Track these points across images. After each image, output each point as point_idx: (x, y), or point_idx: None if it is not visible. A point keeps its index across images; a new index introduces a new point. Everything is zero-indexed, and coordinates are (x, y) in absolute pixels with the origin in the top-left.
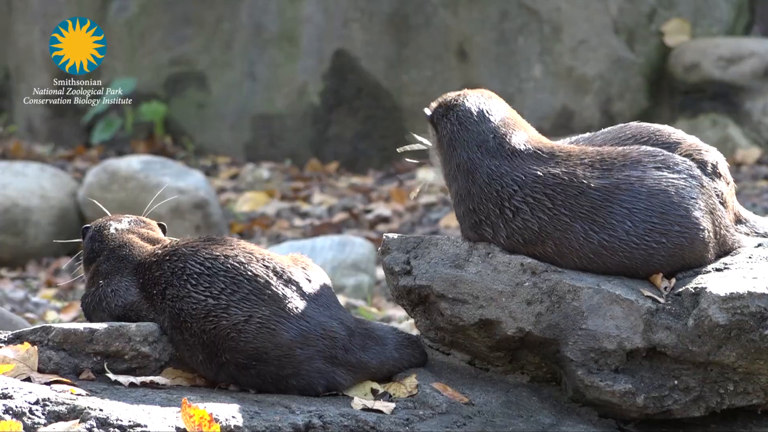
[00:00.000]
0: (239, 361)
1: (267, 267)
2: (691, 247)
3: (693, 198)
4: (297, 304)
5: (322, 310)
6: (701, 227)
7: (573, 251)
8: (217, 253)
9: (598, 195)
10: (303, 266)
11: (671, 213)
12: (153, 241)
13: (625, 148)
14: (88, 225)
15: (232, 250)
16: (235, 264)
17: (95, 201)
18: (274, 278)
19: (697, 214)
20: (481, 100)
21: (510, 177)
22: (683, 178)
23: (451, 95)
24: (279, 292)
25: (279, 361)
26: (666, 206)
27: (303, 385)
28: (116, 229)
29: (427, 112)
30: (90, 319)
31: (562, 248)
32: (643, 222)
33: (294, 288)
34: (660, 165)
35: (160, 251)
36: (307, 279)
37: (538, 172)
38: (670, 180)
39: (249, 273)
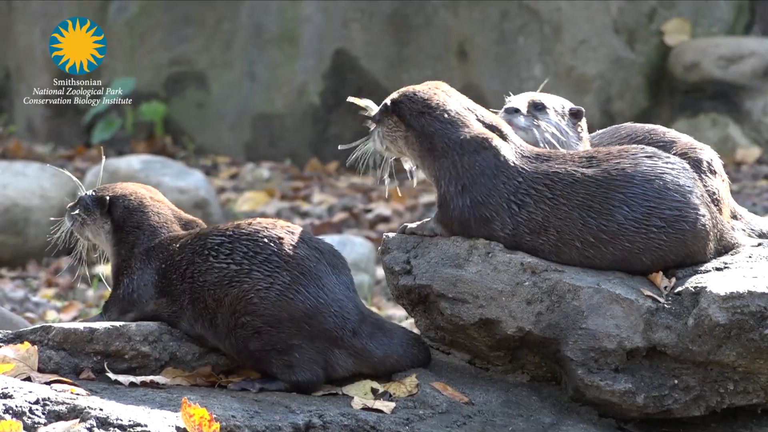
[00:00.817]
0: (256, 325)
1: (292, 233)
2: (694, 231)
3: (689, 186)
4: (319, 272)
5: (342, 288)
6: (701, 212)
7: (574, 237)
8: (240, 222)
9: (593, 182)
10: (330, 246)
11: (668, 198)
12: (184, 222)
13: (612, 146)
14: (110, 193)
15: (257, 222)
16: (258, 228)
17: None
18: (300, 242)
19: (695, 200)
20: (455, 96)
21: (515, 170)
22: (676, 169)
23: (418, 92)
24: (303, 255)
25: (290, 330)
26: (662, 191)
27: (305, 359)
28: (157, 207)
29: (388, 103)
30: (122, 314)
31: (564, 235)
32: (640, 207)
33: (318, 256)
34: (651, 155)
35: (185, 238)
36: (333, 254)
37: (537, 164)
38: (664, 168)
39: (273, 235)
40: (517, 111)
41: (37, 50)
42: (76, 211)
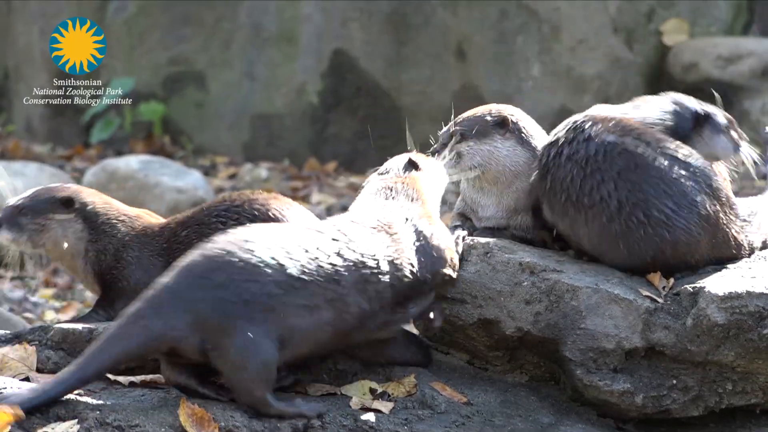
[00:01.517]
0: None
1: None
2: (673, 243)
3: (697, 200)
4: None
5: None
6: (693, 230)
7: (577, 202)
8: (239, 195)
9: (628, 158)
10: None
11: (662, 202)
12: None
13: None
14: (68, 192)
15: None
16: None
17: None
18: None
19: (689, 216)
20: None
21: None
22: (695, 178)
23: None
24: None
25: None
26: (665, 192)
27: None
28: (115, 202)
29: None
30: None
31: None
32: (634, 195)
33: None
34: (684, 157)
35: (180, 217)
36: None
37: (605, 131)
38: (683, 173)
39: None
40: (437, 154)
41: (35, 50)
42: (25, 220)
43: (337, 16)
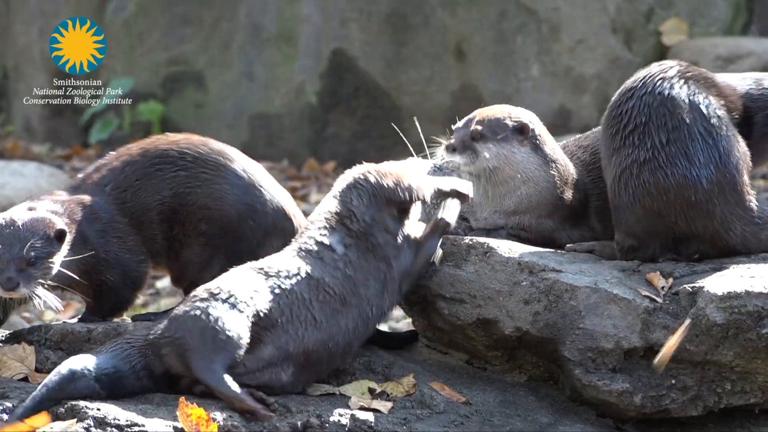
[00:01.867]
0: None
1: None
2: (653, 194)
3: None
4: None
5: None
6: (674, 180)
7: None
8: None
9: (676, 101)
10: None
11: (675, 162)
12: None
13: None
14: (59, 225)
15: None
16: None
17: None
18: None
19: (686, 173)
20: None
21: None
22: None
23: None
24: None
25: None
26: (681, 150)
27: None
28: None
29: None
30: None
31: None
32: (654, 134)
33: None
34: (717, 133)
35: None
36: None
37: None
38: (706, 138)
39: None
40: (454, 150)
41: (35, 49)
42: (34, 269)
43: (336, 16)
